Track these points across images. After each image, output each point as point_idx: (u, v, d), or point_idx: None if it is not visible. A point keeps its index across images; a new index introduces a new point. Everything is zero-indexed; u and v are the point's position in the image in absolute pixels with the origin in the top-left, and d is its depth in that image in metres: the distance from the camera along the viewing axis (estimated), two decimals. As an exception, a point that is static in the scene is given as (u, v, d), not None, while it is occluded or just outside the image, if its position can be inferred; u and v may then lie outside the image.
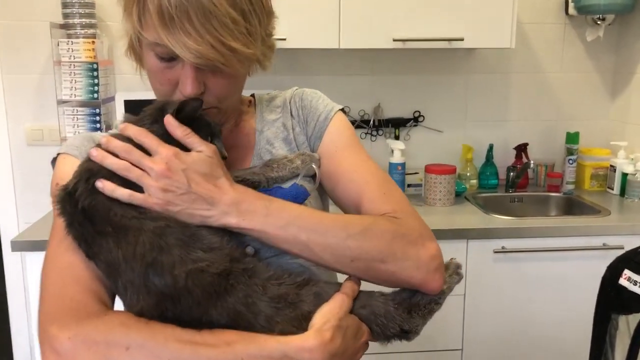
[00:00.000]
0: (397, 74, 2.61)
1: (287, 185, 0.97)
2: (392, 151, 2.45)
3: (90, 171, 0.84)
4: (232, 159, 1.00)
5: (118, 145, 0.84)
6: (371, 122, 2.61)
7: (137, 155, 0.82)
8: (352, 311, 0.85)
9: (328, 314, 0.81)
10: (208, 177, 0.83)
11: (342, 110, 1.08)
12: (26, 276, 1.97)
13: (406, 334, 0.89)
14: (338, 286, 0.86)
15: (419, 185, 2.51)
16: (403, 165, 2.44)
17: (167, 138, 0.85)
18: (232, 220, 0.83)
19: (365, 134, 2.62)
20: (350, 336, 0.82)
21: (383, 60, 2.59)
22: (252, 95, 1.10)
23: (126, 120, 0.89)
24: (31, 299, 1.98)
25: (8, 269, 2.55)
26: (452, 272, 0.95)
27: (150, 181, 0.81)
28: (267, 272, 0.85)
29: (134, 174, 0.82)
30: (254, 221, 0.84)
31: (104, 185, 0.81)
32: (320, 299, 0.84)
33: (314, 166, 0.99)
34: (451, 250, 2.04)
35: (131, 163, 0.82)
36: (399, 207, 0.93)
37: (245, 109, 1.08)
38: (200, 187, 0.82)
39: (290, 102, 1.08)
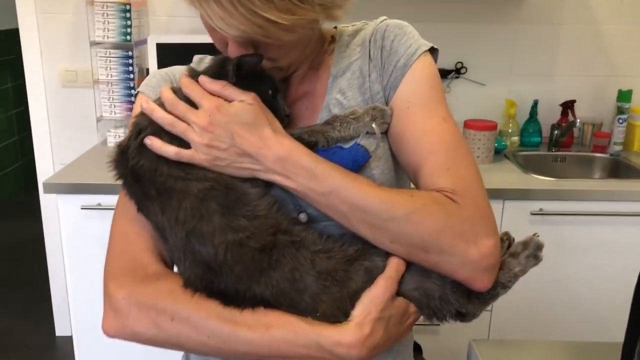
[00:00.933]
0: (439, 22, 2.49)
1: (350, 143, 0.87)
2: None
3: (141, 126, 0.82)
4: (301, 108, 0.93)
5: (167, 96, 0.82)
6: (410, 72, 2.50)
7: (182, 108, 0.80)
8: (401, 292, 0.81)
9: (370, 305, 0.78)
10: (252, 128, 0.79)
11: (432, 50, 0.91)
12: (60, 218, 1.99)
13: (462, 317, 0.84)
14: None
15: (457, 140, 2.42)
16: (441, 119, 2.35)
17: (240, 85, 0.82)
18: (277, 178, 0.79)
19: (404, 85, 2.52)
20: (393, 324, 0.80)
21: (424, 7, 2.47)
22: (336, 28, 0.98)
23: (190, 74, 0.85)
24: (64, 241, 2.00)
25: (45, 210, 2.60)
26: (530, 254, 0.85)
27: (195, 136, 0.79)
28: (317, 244, 0.80)
29: (179, 128, 0.80)
30: (296, 182, 0.79)
31: (152, 143, 0.80)
32: (371, 276, 0.79)
33: (373, 126, 0.85)
34: (486, 211, 1.97)
35: (177, 116, 0.80)
36: (462, 186, 0.80)
37: (326, 46, 0.96)
38: (244, 140, 0.78)
39: (370, 41, 0.93)
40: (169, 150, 0.79)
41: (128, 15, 2.26)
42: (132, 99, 2.27)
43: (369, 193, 0.78)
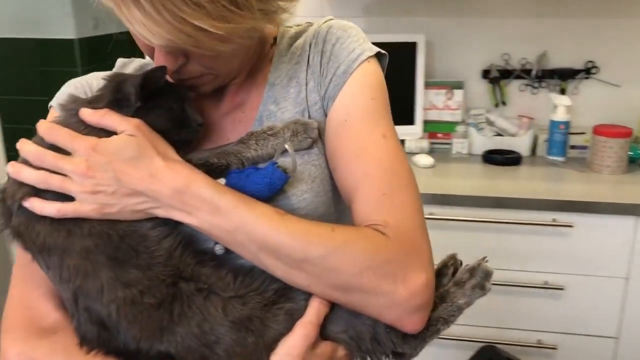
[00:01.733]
0: (569, 17, 2.27)
1: (266, 164, 0.77)
2: (555, 107, 2.16)
3: (16, 186, 0.72)
4: (234, 121, 0.83)
5: (29, 150, 0.72)
6: (533, 72, 2.30)
7: (51, 159, 0.70)
8: (327, 335, 0.73)
9: (286, 358, 0.69)
10: (137, 162, 0.69)
11: (379, 56, 0.82)
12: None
13: (400, 357, 0.74)
14: None
15: (584, 147, 2.20)
16: (567, 124, 2.14)
17: (140, 114, 0.72)
18: (176, 214, 0.70)
19: (525, 85, 2.34)
20: None
21: (551, 1, 2.26)
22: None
23: (71, 103, 0.76)
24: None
25: None
26: (477, 283, 0.75)
27: (75, 186, 0.69)
28: (229, 288, 0.71)
29: (54, 184, 0.70)
30: (198, 218, 0.69)
31: (32, 205, 0.70)
32: (292, 319, 0.71)
33: (286, 146, 0.74)
34: (616, 229, 1.77)
35: (49, 169, 0.70)
36: (396, 217, 0.71)
37: (267, 50, 0.86)
38: (131, 177, 0.69)
39: (311, 44, 0.83)
40: (50, 210, 0.70)
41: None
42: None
43: (281, 229, 0.68)
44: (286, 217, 0.70)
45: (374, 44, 0.82)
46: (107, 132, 0.71)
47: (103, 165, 0.69)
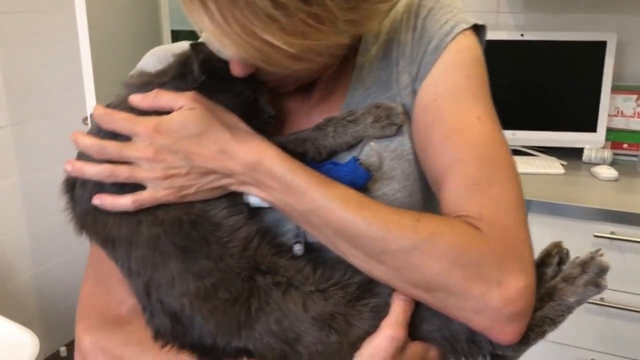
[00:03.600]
0: None
1: (347, 158, 0.69)
2: None
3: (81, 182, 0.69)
4: (322, 111, 0.76)
5: (87, 144, 0.67)
6: None
7: (113, 149, 0.66)
8: (419, 334, 0.66)
9: (371, 357, 0.63)
10: (204, 139, 0.64)
11: (476, 28, 0.72)
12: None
13: (499, 359, 0.66)
14: None
15: None
16: None
17: (206, 91, 0.67)
18: (253, 190, 0.66)
19: None
20: None
21: None
22: None
23: (137, 77, 0.72)
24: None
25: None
26: (590, 280, 0.64)
27: (145, 173, 0.65)
28: (310, 281, 0.65)
29: (122, 175, 0.65)
30: (273, 196, 0.65)
31: (102, 202, 0.66)
32: (379, 316, 0.64)
33: (372, 144, 0.67)
34: None
35: (113, 160, 0.66)
36: (492, 210, 0.62)
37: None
38: (202, 156, 0.64)
39: (402, 18, 0.74)
40: (124, 202, 0.65)
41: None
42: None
43: (358, 216, 0.61)
44: (366, 202, 0.63)
45: (555, 43, 0.73)
46: (165, 113, 0.67)
47: (170, 147, 0.64)
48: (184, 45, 0.76)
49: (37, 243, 2.52)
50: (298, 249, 0.69)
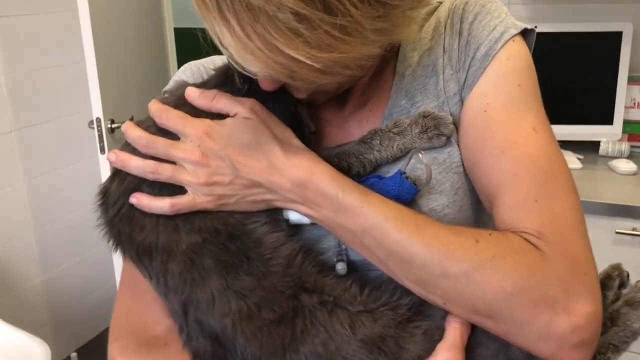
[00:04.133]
0: None
1: (392, 171, 0.66)
2: None
3: (120, 176, 0.66)
4: (361, 122, 0.73)
5: (135, 135, 0.65)
6: None
7: (161, 145, 0.64)
8: (473, 359, 0.62)
9: None
10: (254, 150, 0.62)
11: (525, 33, 0.69)
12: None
13: None
14: None
15: None
16: None
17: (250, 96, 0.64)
18: (299, 208, 0.63)
19: None
20: None
21: None
22: None
23: (177, 90, 0.69)
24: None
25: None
26: None
27: (188, 177, 0.63)
28: (357, 301, 0.62)
29: (164, 174, 0.63)
30: (321, 214, 0.62)
31: (139, 201, 0.64)
32: (432, 340, 0.61)
33: (421, 156, 0.64)
34: None
35: (158, 157, 0.64)
36: (553, 228, 0.58)
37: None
38: (249, 167, 0.62)
39: (446, 25, 0.71)
40: (162, 205, 0.63)
41: (423, 4, 2.17)
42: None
43: (415, 238, 0.58)
44: (423, 222, 0.60)
45: (569, 34, 0.69)
46: (219, 116, 0.65)
47: (217, 152, 0.62)
48: (215, 59, 0.74)
49: (46, 248, 2.49)
50: (341, 267, 0.65)
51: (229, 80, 0.66)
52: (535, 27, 0.71)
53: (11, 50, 2.26)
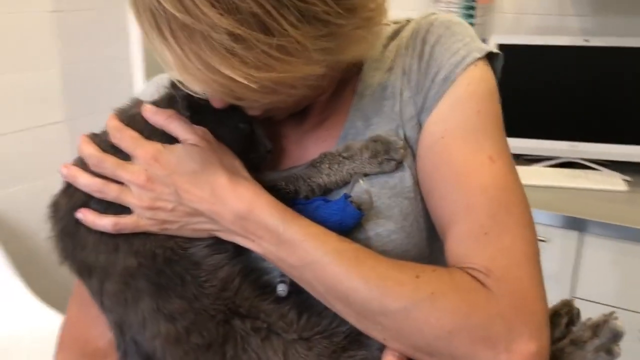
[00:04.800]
0: None
1: (338, 195, 0.65)
2: None
3: (67, 197, 0.67)
4: (317, 140, 0.72)
5: (88, 152, 0.66)
6: None
7: (110, 165, 0.64)
8: None
9: None
10: (199, 179, 0.62)
11: (491, 56, 0.67)
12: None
13: None
14: None
15: None
16: None
17: (197, 120, 0.64)
18: (239, 240, 0.63)
19: None
20: None
21: None
22: None
23: (132, 108, 0.69)
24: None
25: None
26: (601, 346, 0.59)
27: (133, 199, 0.64)
28: (292, 328, 0.61)
29: (110, 194, 0.64)
30: (262, 247, 0.62)
31: (85, 217, 0.65)
32: None
33: (362, 182, 0.64)
34: None
35: (107, 176, 0.65)
36: (502, 263, 0.57)
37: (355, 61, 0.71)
38: (192, 196, 0.62)
39: (408, 45, 0.69)
40: (105, 223, 0.63)
41: (472, 12, 2.13)
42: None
43: (353, 273, 0.58)
44: (363, 256, 0.59)
45: (622, 49, 0.66)
46: (173, 139, 0.65)
47: (163, 179, 0.63)
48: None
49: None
50: (282, 289, 0.65)
51: (175, 107, 0.66)
52: (502, 53, 0.70)
53: (66, 42, 2.33)
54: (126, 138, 0.65)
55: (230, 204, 0.62)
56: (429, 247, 0.69)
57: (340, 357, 0.61)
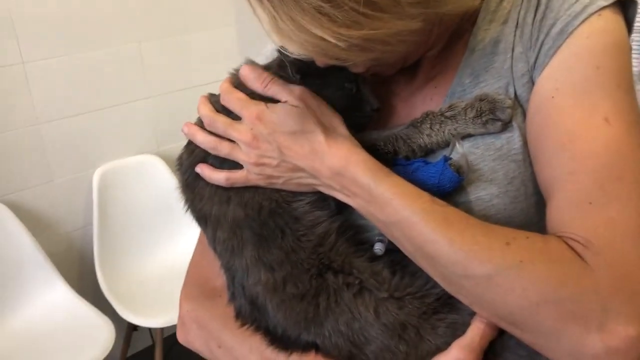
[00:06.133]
0: None
1: (438, 157, 0.63)
2: None
3: (191, 147, 0.73)
4: (425, 98, 0.71)
5: (203, 113, 0.72)
6: None
7: (221, 124, 0.70)
8: None
9: None
10: (299, 137, 0.65)
11: (624, 4, 0.58)
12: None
13: None
14: None
15: None
16: None
17: (311, 88, 0.67)
18: (338, 195, 0.65)
19: None
20: None
21: None
22: None
23: (232, 78, 0.74)
24: None
25: None
26: None
27: (242, 155, 0.68)
28: (384, 287, 0.62)
29: (223, 151, 0.70)
30: (357, 203, 0.63)
31: (203, 171, 0.71)
32: (456, 334, 0.59)
33: (458, 145, 0.60)
34: None
35: (219, 135, 0.70)
36: (604, 236, 0.51)
37: (470, 14, 0.67)
38: (293, 152, 0.65)
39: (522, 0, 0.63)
40: (219, 177, 0.70)
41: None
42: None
43: (439, 233, 0.56)
44: (453, 218, 0.58)
45: None
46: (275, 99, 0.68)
47: (266, 137, 0.66)
48: None
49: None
50: (379, 248, 0.66)
51: (284, 72, 0.69)
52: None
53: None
54: (233, 100, 0.70)
55: (326, 160, 0.64)
56: (537, 214, 0.63)
57: (430, 318, 0.62)
